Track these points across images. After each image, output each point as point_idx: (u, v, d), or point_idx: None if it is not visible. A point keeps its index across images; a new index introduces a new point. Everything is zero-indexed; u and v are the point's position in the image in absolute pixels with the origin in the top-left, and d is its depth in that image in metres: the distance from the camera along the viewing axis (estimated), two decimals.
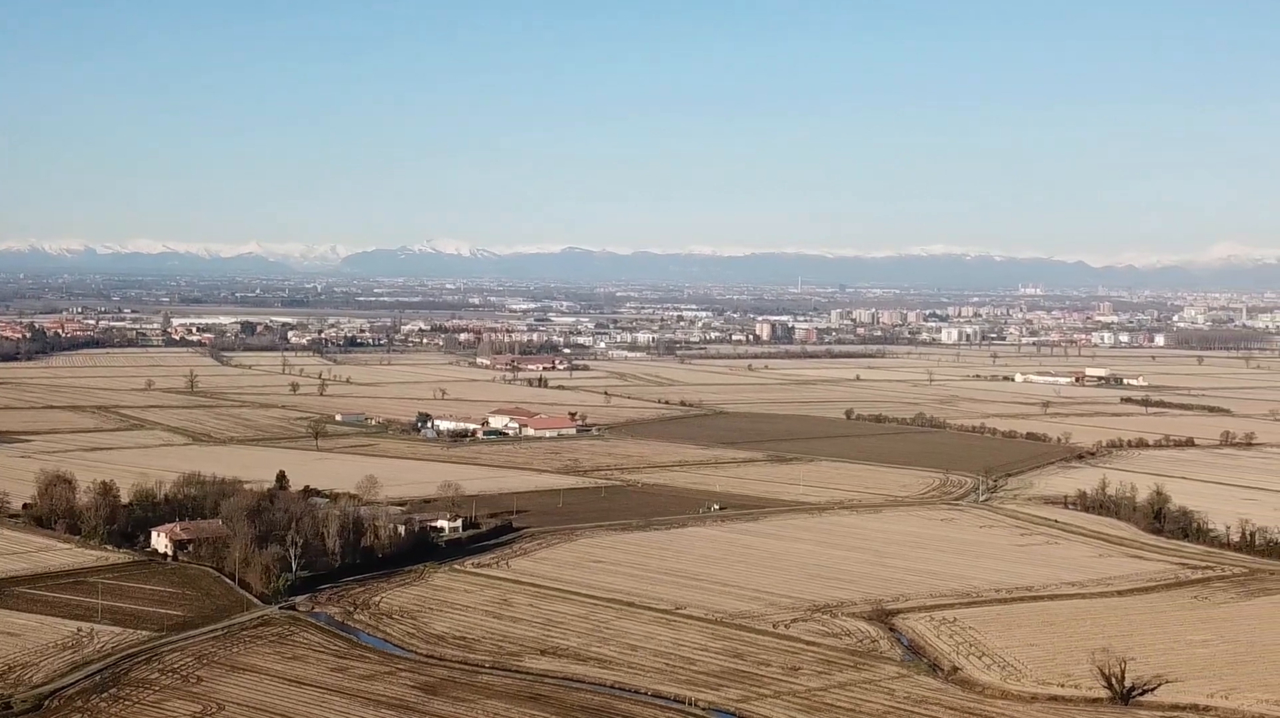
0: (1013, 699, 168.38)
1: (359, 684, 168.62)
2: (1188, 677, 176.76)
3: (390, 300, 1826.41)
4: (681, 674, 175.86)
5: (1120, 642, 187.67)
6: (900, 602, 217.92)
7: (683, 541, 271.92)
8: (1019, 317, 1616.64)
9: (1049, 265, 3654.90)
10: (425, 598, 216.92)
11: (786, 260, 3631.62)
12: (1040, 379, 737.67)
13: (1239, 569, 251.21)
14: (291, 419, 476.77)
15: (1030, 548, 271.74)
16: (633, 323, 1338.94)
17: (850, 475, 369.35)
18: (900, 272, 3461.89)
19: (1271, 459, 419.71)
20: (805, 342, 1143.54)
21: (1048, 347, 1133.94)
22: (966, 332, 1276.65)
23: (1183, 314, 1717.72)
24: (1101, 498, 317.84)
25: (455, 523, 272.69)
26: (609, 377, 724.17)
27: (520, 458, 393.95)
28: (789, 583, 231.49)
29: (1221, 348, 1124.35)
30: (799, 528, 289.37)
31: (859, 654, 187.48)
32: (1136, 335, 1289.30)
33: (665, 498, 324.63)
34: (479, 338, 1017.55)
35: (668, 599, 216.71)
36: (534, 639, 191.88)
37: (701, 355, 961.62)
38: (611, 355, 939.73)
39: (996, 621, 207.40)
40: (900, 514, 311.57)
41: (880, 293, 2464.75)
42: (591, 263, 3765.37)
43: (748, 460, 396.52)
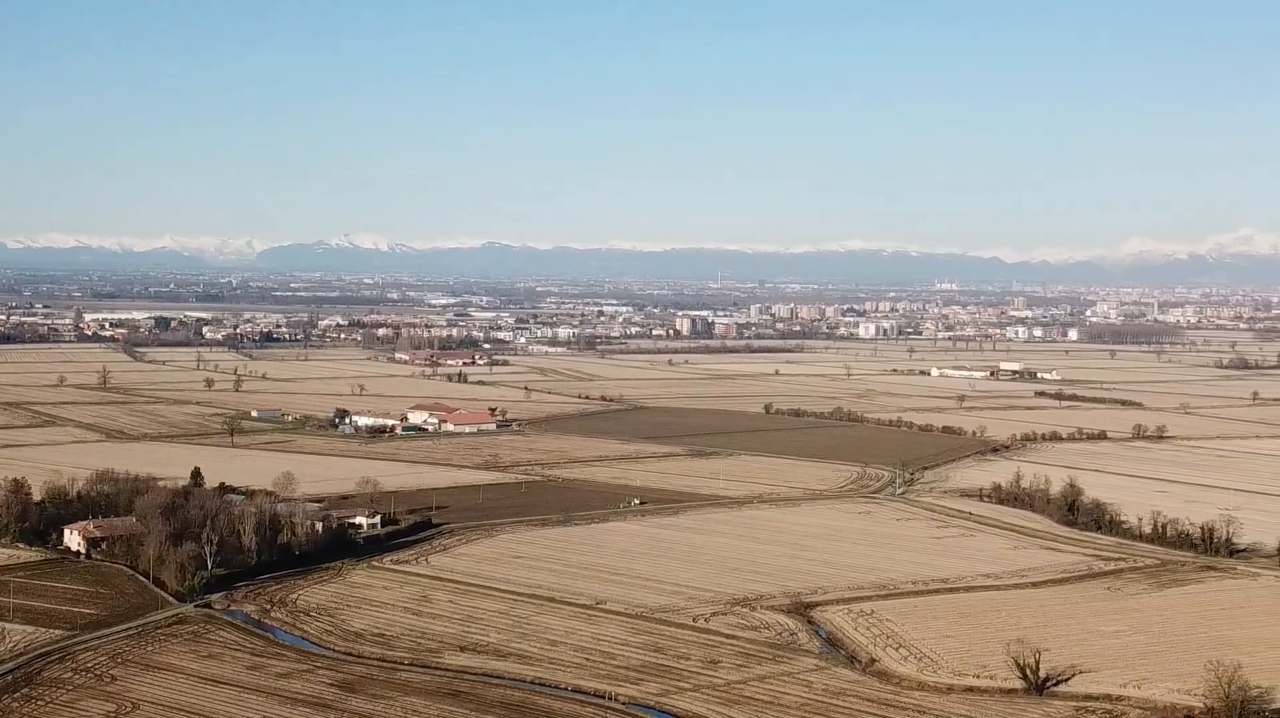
0: (929, 691, 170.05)
1: (276, 683, 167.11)
2: (1101, 667, 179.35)
3: (307, 295, 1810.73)
4: (602, 669, 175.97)
5: (1035, 633, 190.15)
6: (818, 595, 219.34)
7: (603, 535, 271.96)
8: (935, 312, 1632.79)
9: (965, 261, 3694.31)
10: (343, 595, 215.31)
11: (706, 256, 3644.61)
12: (956, 374, 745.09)
13: (1151, 561, 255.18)
14: (207, 416, 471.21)
15: (946, 540, 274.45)
16: (553, 318, 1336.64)
17: (770, 470, 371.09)
18: (818, 267, 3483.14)
19: (1182, 452, 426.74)
20: (725, 337, 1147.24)
21: (963, 341, 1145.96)
22: (884, 327, 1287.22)
23: (1095, 309, 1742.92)
24: (1016, 491, 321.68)
25: (374, 520, 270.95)
26: (529, 372, 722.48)
27: (440, 454, 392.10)
28: (709, 577, 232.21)
29: (1133, 342, 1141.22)
30: (719, 522, 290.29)
31: (778, 647, 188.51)
32: (1050, 330, 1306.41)
33: (586, 493, 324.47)
34: (398, 333, 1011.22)
35: (588, 594, 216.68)
36: (453, 636, 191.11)
37: (622, 351, 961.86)
38: (532, 351, 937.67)
39: (913, 613, 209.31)
40: (819, 508, 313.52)
41: (799, 288, 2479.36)
42: (511, 258, 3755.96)
43: (668, 455, 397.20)
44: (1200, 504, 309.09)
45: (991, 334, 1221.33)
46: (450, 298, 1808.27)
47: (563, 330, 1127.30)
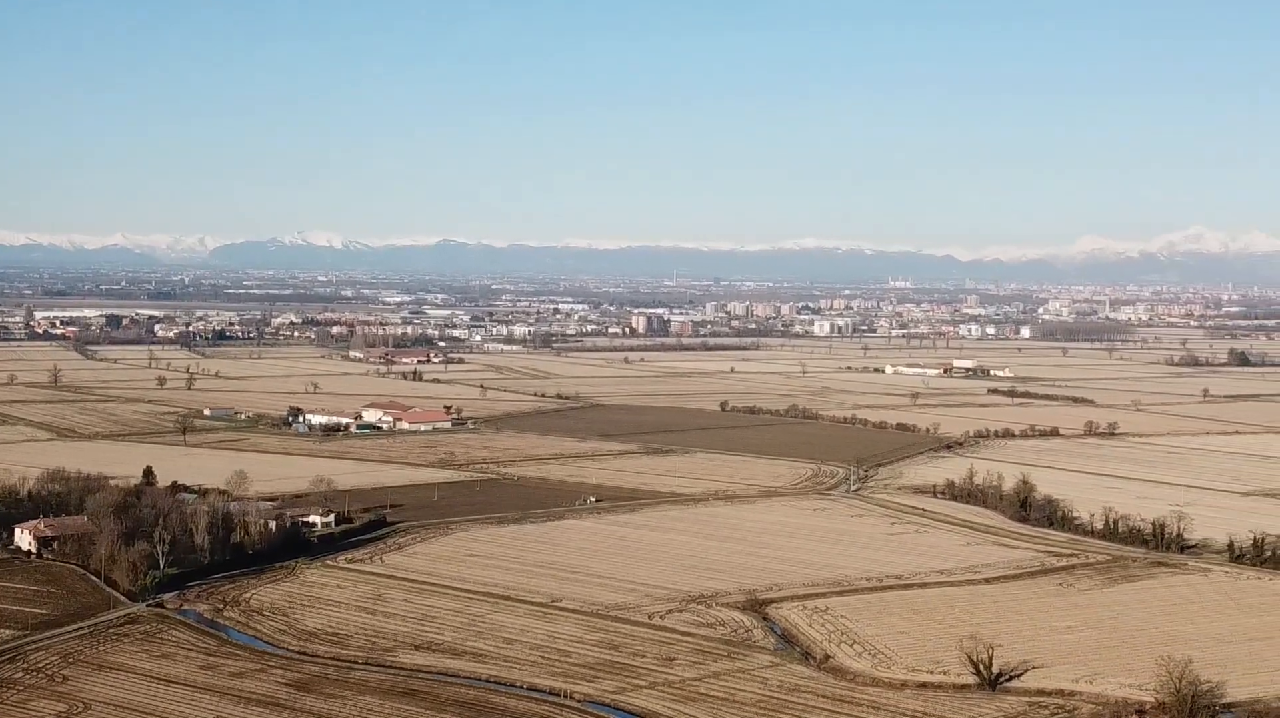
0: (883, 687, 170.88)
1: (229, 682, 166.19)
2: (1053, 663, 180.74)
3: (260, 293, 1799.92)
4: (557, 667, 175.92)
5: (988, 629, 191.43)
6: (774, 591, 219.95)
7: (559, 533, 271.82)
8: (889, 309, 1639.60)
9: (918, 259, 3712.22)
10: (297, 594, 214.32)
11: (662, 254, 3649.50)
12: (910, 371, 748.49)
13: (1103, 557, 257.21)
14: (159, 414, 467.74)
15: (900, 537, 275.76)
16: (508, 316, 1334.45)
17: (725, 467, 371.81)
18: (774, 265, 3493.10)
19: (1134, 449, 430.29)
20: (681, 334, 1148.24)
21: (917, 339, 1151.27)
22: (838, 324, 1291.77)
23: (1048, 307, 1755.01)
24: (969, 487, 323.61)
25: (328, 518, 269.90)
26: (485, 370, 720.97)
27: (394, 452, 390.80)
28: (664, 574, 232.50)
29: (1085, 340, 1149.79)
30: (674, 519, 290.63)
31: (733, 644, 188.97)
32: (1003, 328, 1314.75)
33: (541, 491, 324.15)
34: (352, 331, 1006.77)
35: (543, 592, 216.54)
36: (408, 634, 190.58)
37: (578, 348, 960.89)
38: (487, 349, 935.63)
39: (867, 609, 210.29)
40: (774, 505, 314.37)
41: (754, 286, 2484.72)
42: (466, 255, 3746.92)
43: (624, 453, 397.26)
44: (1151, 501, 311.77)
45: (945, 332, 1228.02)
46: (405, 296, 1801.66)
47: (518, 328, 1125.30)
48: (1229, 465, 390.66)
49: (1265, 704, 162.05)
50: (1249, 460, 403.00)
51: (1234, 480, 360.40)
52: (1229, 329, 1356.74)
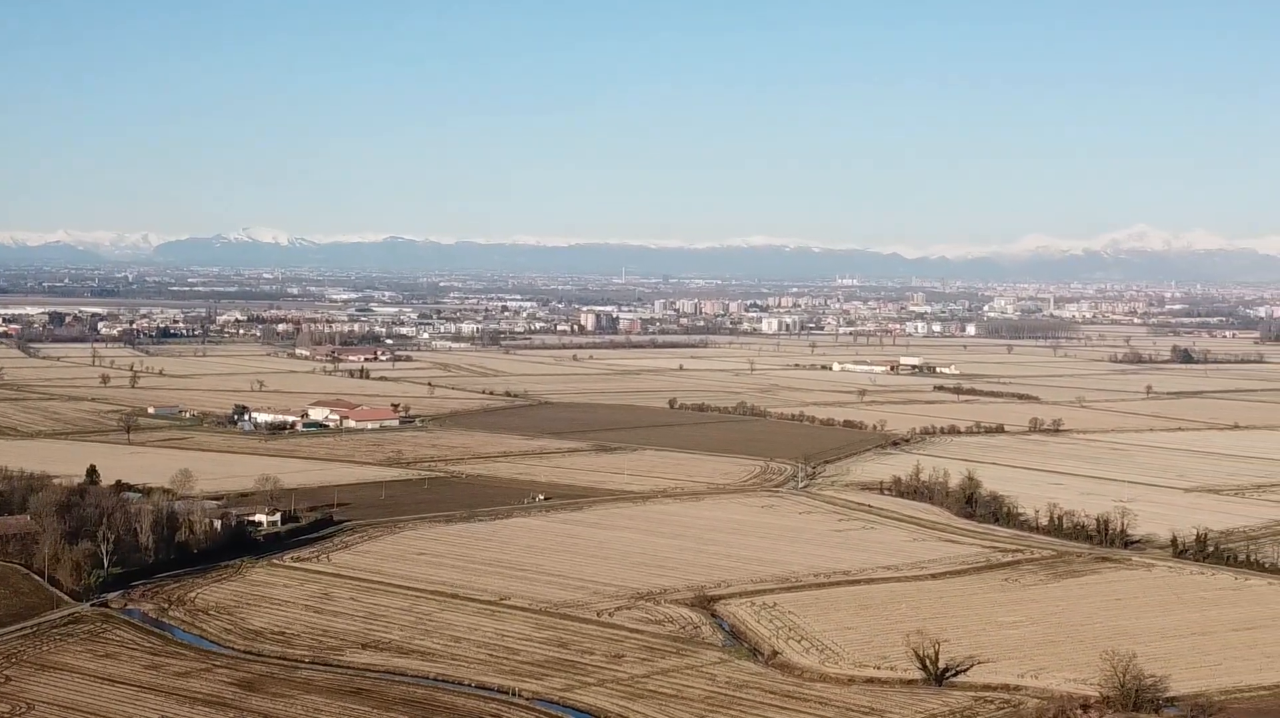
0: (831, 682, 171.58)
1: (174, 682, 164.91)
2: (999, 657, 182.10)
3: (205, 290, 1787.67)
4: (505, 665, 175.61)
5: (934, 624, 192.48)
6: (722, 588, 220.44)
7: (507, 531, 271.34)
8: (836, 307, 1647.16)
9: (865, 257, 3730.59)
10: (243, 593, 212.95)
11: (611, 251, 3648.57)
12: (857, 368, 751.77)
13: (1047, 552, 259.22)
14: (102, 412, 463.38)
15: (848, 533, 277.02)
16: (457, 313, 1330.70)
17: (674, 464, 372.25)
18: (722, 263, 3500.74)
19: (1078, 445, 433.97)
20: (629, 332, 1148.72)
21: (864, 336, 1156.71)
22: (786, 322, 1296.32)
23: (993, 304, 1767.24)
24: (916, 483, 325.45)
25: (274, 517, 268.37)
26: (433, 367, 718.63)
27: (341, 450, 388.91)
28: (613, 572, 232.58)
29: (1030, 337, 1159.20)
30: (623, 517, 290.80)
31: (681, 641, 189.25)
32: (949, 325, 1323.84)
33: (490, 489, 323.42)
34: (298, 328, 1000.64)
35: (492, 590, 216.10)
36: (355, 633, 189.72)
37: (526, 346, 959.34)
38: (435, 346, 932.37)
39: (815, 605, 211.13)
40: (722, 502, 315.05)
41: (703, 283, 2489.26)
42: (414, 252, 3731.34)
43: (572, 450, 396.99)
44: (1095, 496, 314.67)
45: (891, 329, 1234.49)
46: (352, 293, 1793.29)
47: (466, 326, 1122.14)
48: (1172, 462, 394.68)
49: (1208, 698, 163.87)
50: (1192, 457, 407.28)
51: (1177, 477, 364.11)
52: (1172, 327, 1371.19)
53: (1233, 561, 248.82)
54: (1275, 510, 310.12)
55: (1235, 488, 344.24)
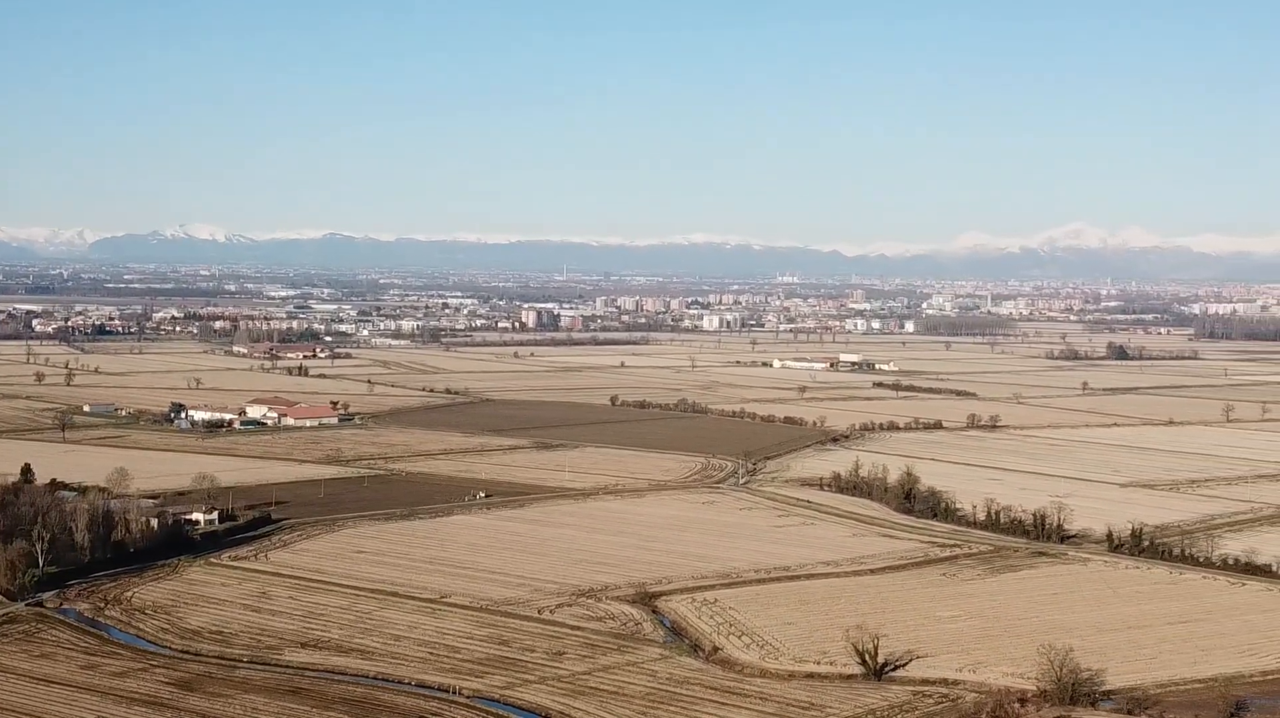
0: (771, 677, 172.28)
1: (111, 682, 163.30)
2: (937, 652, 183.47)
3: (141, 287, 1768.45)
4: (446, 663, 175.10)
5: (873, 619, 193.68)
6: (663, 584, 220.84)
7: (448, 529, 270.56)
8: (777, 304, 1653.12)
9: (805, 254, 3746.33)
10: (180, 593, 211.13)
11: (552, 248, 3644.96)
12: (797, 365, 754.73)
13: (985, 547, 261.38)
14: (37, 410, 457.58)
15: (788, 529, 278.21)
16: (397, 310, 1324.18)
17: (615, 461, 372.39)
18: (663, 260, 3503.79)
19: (1015, 440, 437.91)
20: (571, 329, 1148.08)
21: (804, 333, 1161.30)
22: (727, 319, 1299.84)
23: (931, 302, 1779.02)
24: (855, 479, 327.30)
25: (211, 516, 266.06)
26: (372, 365, 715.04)
27: (280, 448, 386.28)
28: (554, 569, 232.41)
29: (968, 334, 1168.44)
30: (564, 514, 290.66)
31: (622, 637, 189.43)
32: (888, 322, 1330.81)
33: (430, 487, 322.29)
34: (236, 326, 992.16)
35: (432, 588, 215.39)
36: (294, 632, 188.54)
37: (467, 343, 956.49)
38: (375, 344, 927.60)
39: (755, 600, 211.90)
40: (663, 498, 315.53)
41: (644, 281, 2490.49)
42: (353, 250, 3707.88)
43: (514, 448, 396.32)
44: (1032, 492, 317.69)
45: (831, 326, 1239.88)
46: (290, 290, 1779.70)
47: (406, 323, 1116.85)
48: (1107, 457, 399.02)
49: (1144, 691, 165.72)
50: (1127, 452, 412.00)
51: (1112, 472, 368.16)
52: (1108, 323, 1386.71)
53: (1168, 555, 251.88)
54: (1209, 505, 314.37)
55: (1170, 483, 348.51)
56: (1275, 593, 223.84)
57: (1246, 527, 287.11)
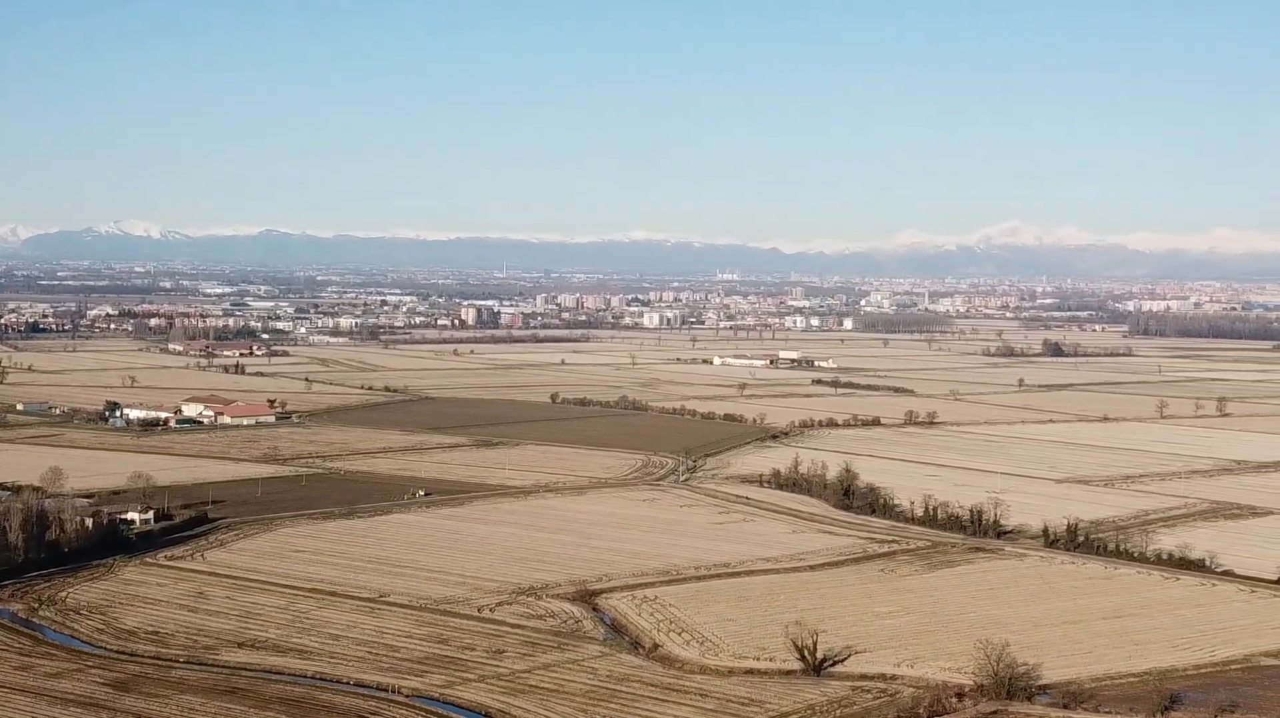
0: (711, 674, 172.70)
1: (45, 683, 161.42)
2: (876, 647, 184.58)
3: (75, 284, 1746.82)
4: (385, 662, 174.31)
5: (812, 615, 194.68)
6: (603, 582, 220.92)
7: (387, 528, 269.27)
8: (717, 301, 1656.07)
9: (745, 252, 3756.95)
10: (115, 593, 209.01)
11: (492, 245, 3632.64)
12: (737, 362, 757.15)
13: (922, 543, 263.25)
14: None
15: (728, 526, 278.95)
16: (335, 308, 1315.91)
17: (556, 459, 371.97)
18: (603, 257, 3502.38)
19: (952, 437, 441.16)
20: (511, 326, 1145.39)
21: (744, 330, 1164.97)
22: (667, 316, 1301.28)
23: (869, 299, 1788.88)
24: (795, 476, 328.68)
25: (147, 515, 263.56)
26: (310, 363, 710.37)
27: (216, 447, 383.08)
28: (494, 567, 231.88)
29: (905, 331, 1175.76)
30: (505, 512, 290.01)
31: (563, 635, 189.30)
32: (827, 319, 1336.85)
33: (369, 485, 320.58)
34: (171, 323, 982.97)
35: (371, 587, 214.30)
36: (231, 632, 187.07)
37: (406, 341, 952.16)
38: (313, 341, 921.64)
39: (695, 597, 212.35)
40: (604, 496, 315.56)
41: (584, 278, 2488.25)
42: (290, 246, 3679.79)
43: (454, 446, 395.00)
44: (969, 488, 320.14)
45: (771, 323, 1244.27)
46: (227, 287, 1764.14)
47: (345, 320, 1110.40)
48: (1043, 453, 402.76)
49: (1079, 685, 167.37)
50: (1062, 448, 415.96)
51: (1048, 468, 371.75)
52: (1043, 321, 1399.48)
53: (1103, 550, 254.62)
54: (1144, 501, 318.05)
55: (1105, 479, 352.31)
56: (1208, 588, 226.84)
57: (1180, 522, 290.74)
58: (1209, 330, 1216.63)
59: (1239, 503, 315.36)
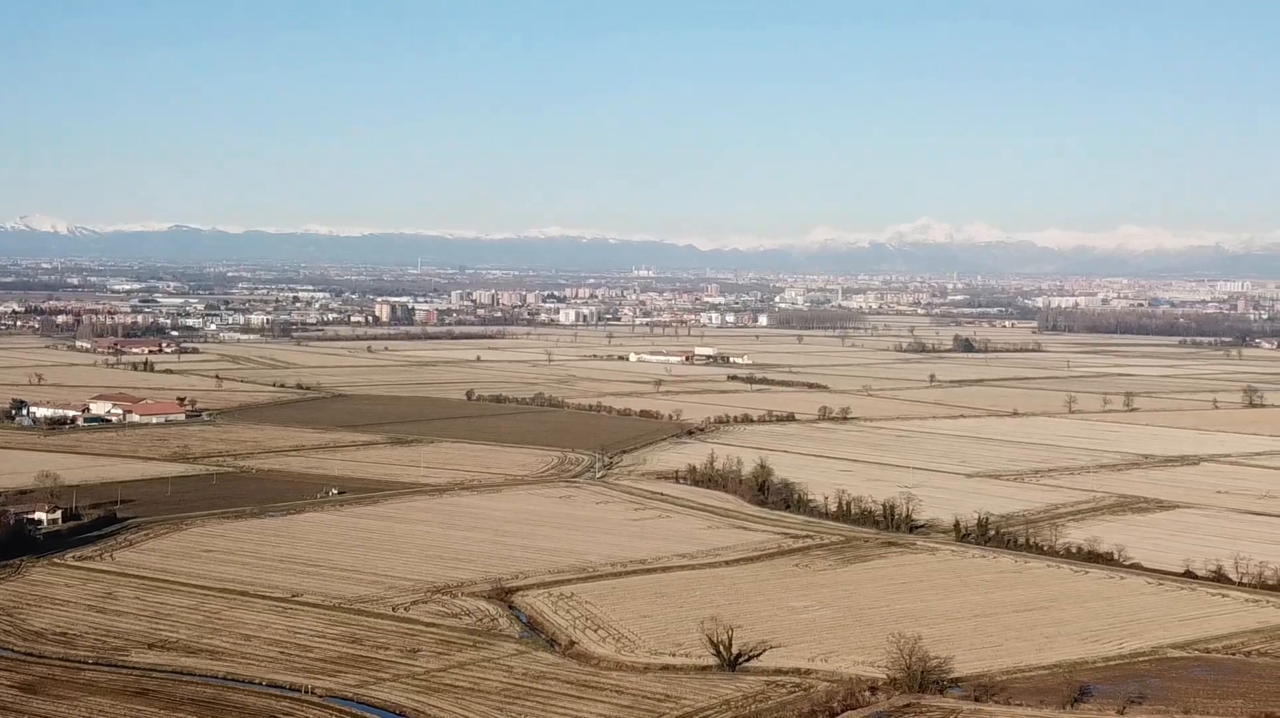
0: (627, 670, 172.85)
1: None
2: (791, 642, 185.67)
3: None
4: (298, 662, 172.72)
5: (728, 610, 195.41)
6: (519, 579, 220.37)
7: (299, 527, 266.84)
8: (633, 298, 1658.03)
9: (661, 248, 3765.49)
10: (22, 594, 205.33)
11: (406, 241, 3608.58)
12: (653, 358, 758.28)
13: (836, 537, 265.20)
14: None
15: (644, 522, 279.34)
16: (246, 304, 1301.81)
17: (471, 456, 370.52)
18: (519, 253, 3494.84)
19: (865, 432, 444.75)
20: (426, 323, 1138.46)
21: (660, 327, 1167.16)
22: (584, 313, 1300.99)
23: (784, 295, 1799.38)
24: (710, 472, 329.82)
25: (55, 515, 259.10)
26: (221, 360, 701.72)
27: (125, 446, 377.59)
28: (409, 566, 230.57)
29: (819, 327, 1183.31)
30: (419, 510, 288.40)
31: (478, 634, 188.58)
32: (742, 316, 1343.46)
33: (281, 484, 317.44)
34: (79, 320, 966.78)
35: (283, 587, 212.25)
36: (141, 633, 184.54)
37: (319, 337, 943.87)
38: (223, 338, 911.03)
39: (612, 594, 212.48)
40: (520, 493, 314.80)
41: (500, 274, 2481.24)
42: (201, 242, 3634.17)
43: (368, 443, 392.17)
44: (882, 482, 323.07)
45: (687, 320, 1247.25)
46: (136, 283, 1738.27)
47: (256, 317, 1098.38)
48: (954, 448, 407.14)
49: (990, 678, 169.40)
50: (973, 443, 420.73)
51: (959, 462, 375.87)
52: (954, 317, 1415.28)
53: (1013, 544, 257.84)
54: (1053, 495, 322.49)
55: (1015, 473, 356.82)
56: (1117, 581, 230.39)
57: (1089, 516, 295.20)
58: (1116, 327, 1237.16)
59: (1146, 497, 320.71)
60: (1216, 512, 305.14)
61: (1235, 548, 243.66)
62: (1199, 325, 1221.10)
